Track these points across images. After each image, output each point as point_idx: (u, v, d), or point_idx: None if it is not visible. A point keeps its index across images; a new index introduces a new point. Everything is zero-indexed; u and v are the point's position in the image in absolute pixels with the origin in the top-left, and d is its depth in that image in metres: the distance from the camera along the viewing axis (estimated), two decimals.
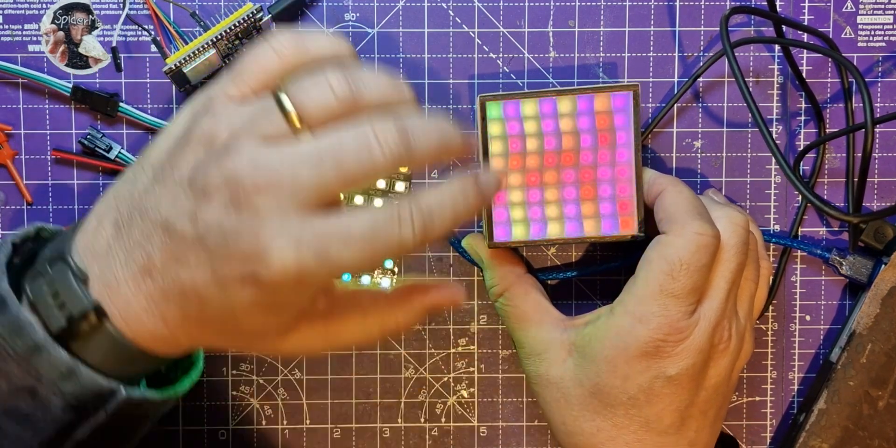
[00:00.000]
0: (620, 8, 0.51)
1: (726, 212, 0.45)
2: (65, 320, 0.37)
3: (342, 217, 0.35)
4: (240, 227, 0.34)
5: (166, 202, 0.36)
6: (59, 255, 0.38)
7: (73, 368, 0.38)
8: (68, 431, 0.39)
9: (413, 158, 0.35)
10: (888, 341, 0.49)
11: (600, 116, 0.47)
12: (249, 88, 0.37)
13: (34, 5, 0.50)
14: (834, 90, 0.52)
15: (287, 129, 0.35)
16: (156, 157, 0.37)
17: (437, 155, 0.36)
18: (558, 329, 0.47)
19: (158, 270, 0.36)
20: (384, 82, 0.36)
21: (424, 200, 0.36)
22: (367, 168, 0.35)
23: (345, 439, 0.52)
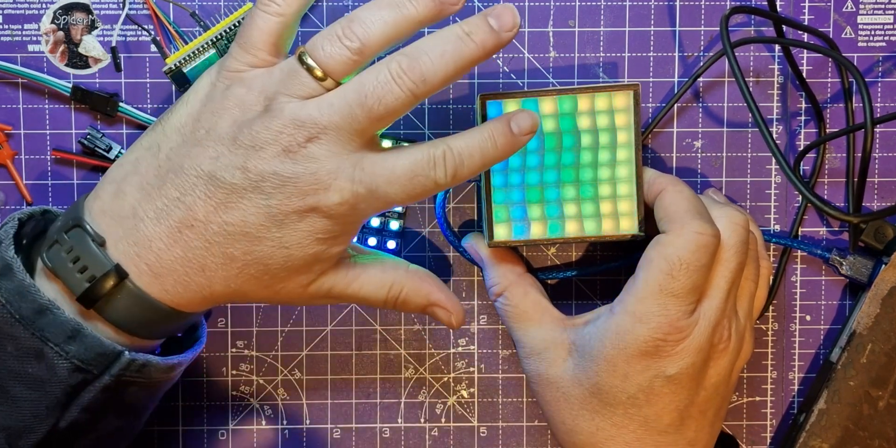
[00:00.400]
0: (620, 8, 0.51)
1: (726, 211, 0.45)
2: (87, 282, 0.40)
3: (387, 158, 0.41)
4: (298, 171, 0.40)
5: (207, 158, 0.40)
6: (74, 223, 0.41)
7: (78, 329, 0.40)
8: (74, 394, 0.41)
9: (429, 85, 0.40)
10: (888, 341, 0.49)
11: (600, 116, 0.47)
12: (265, 53, 0.42)
13: (34, 5, 0.50)
14: (834, 90, 0.52)
15: (315, 85, 0.40)
16: (180, 123, 0.41)
17: (456, 69, 0.40)
18: (558, 328, 0.47)
19: (200, 220, 0.40)
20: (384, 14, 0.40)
21: (456, 144, 0.41)
22: (391, 102, 0.40)
23: (345, 439, 0.52)
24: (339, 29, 0.40)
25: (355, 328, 0.52)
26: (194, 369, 0.52)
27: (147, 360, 0.42)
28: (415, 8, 0.40)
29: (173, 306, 0.42)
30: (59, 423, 0.41)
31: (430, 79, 0.40)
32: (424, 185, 0.41)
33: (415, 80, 0.40)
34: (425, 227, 0.51)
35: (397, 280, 0.45)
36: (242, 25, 0.42)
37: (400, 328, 0.52)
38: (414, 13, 0.40)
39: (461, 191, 0.51)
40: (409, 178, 0.40)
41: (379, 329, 0.52)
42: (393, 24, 0.40)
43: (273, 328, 0.52)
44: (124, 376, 0.41)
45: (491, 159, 0.42)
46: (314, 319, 0.52)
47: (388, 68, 0.40)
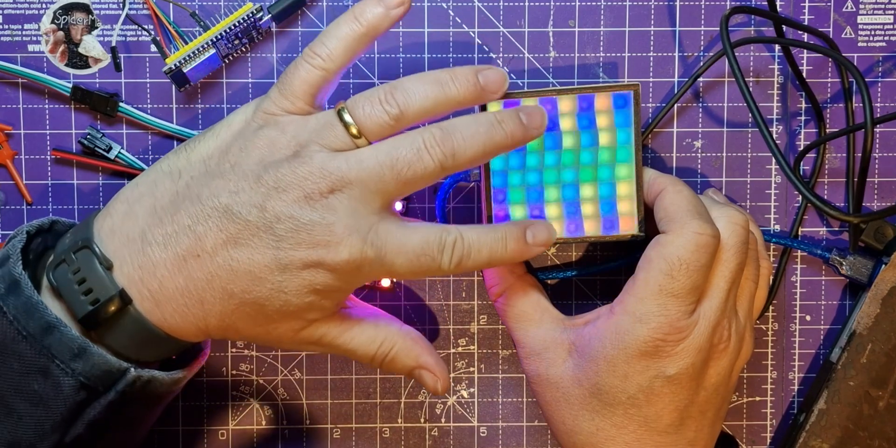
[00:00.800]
0: (620, 8, 0.51)
1: (726, 211, 0.45)
2: (90, 305, 0.40)
3: (402, 230, 0.42)
4: (315, 220, 0.40)
5: (227, 192, 0.41)
6: (84, 244, 0.41)
7: (84, 347, 0.40)
8: (80, 411, 0.41)
9: (459, 159, 0.42)
10: (888, 341, 0.49)
11: (600, 116, 0.47)
12: (302, 102, 0.42)
13: (34, 5, 0.50)
14: (834, 90, 0.52)
15: (348, 141, 0.41)
16: (206, 154, 0.42)
17: (484, 152, 0.42)
18: (558, 329, 0.47)
19: (207, 252, 0.40)
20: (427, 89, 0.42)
21: (469, 235, 0.42)
22: (419, 170, 0.41)
23: (345, 439, 0.52)
24: (383, 93, 0.42)
25: None
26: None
27: (152, 376, 0.42)
28: (457, 89, 0.42)
29: (171, 334, 0.42)
30: (64, 438, 0.41)
31: (459, 155, 0.41)
32: (428, 266, 0.42)
33: (446, 152, 0.41)
34: None
35: (389, 338, 0.45)
36: (285, 71, 0.43)
37: None
38: (455, 94, 0.42)
39: (461, 191, 0.51)
40: (416, 255, 0.41)
41: None
42: (433, 100, 0.42)
43: None
44: (129, 393, 0.41)
45: (498, 260, 0.43)
46: None
47: (422, 137, 0.41)
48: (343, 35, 0.43)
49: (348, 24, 0.43)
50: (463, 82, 0.42)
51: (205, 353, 0.46)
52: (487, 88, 0.43)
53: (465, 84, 0.42)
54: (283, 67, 0.50)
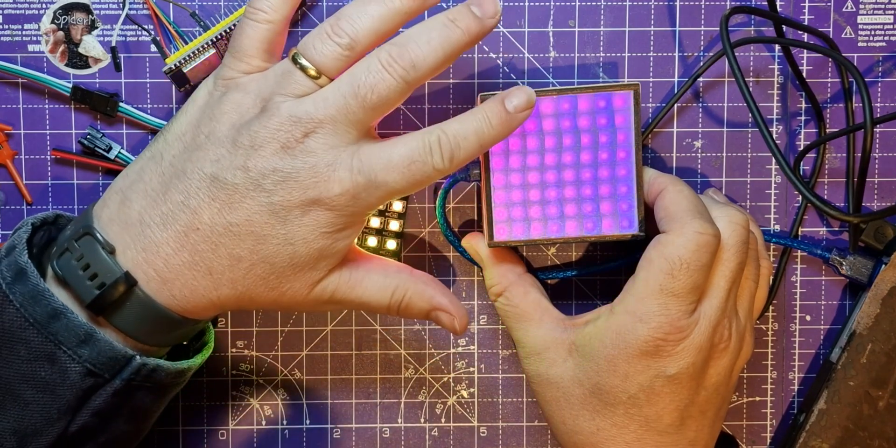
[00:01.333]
0: (620, 8, 0.51)
1: (726, 211, 0.45)
2: (97, 289, 0.41)
3: (384, 147, 0.41)
4: (297, 166, 0.40)
5: (209, 161, 0.41)
6: (85, 231, 0.42)
7: (91, 334, 0.40)
8: (86, 398, 0.41)
9: (421, 71, 0.41)
10: (888, 341, 0.49)
11: (600, 116, 0.47)
12: (257, 60, 0.43)
13: (34, 5, 0.50)
14: (834, 90, 0.52)
15: (310, 84, 0.41)
16: (180, 131, 0.43)
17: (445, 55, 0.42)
18: (558, 328, 0.47)
19: (205, 223, 0.41)
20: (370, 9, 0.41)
21: (451, 128, 0.42)
22: (383, 90, 0.41)
23: (345, 439, 0.52)
24: (329, 27, 0.42)
25: (355, 328, 0.52)
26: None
27: (157, 365, 0.42)
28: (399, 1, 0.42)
29: (181, 313, 0.42)
30: (70, 426, 0.41)
31: (419, 65, 0.41)
32: (423, 172, 0.42)
33: (405, 66, 0.41)
34: (425, 227, 0.51)
35: (401, 284, 0.45)
36: (233, 34, 0.44)
37: (400, 328, 0.52)
38: (399, 5, 0.42)
39: (461, 191, 0.51)
40: (406, 165, 0.41)
41: (379, 329, 0.52)
42: (380, 18, 0.42)
43: (273, 328, 0.52)
44: (134, 381, 0.41)
45: (488, 140, 0.42)
46: (314, 319, 0.52)
47: (378, 58, 0.41)
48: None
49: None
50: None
51: (209, 345, 0.46)
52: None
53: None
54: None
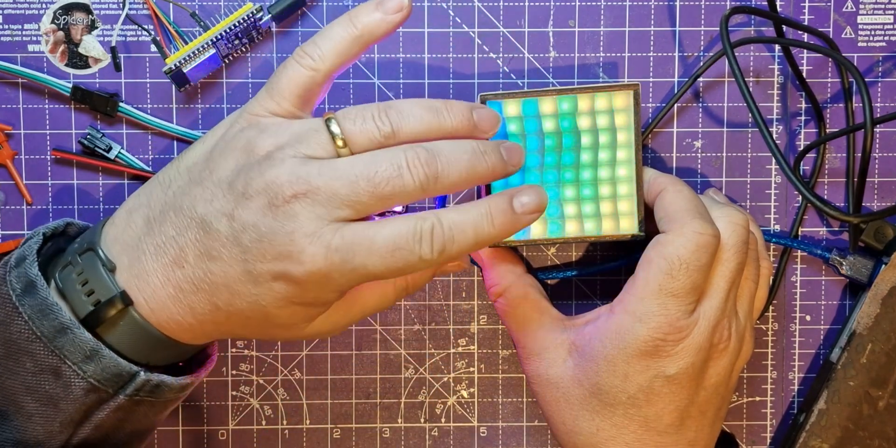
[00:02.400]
0: (620, 8, 0.51)
1: (726, 211, 0.45)
2: (92, 305, 0.40)
3: (370, 227, 0.38)
4: (276, 229, 0.38)
5: (203, 201, 0.39)
6: (88, 247, 0.41)
7: (97, 350, 0.40)
8: (89, 413, 0.41)
9: (438, 185, 0.39)
10: (888, 341, 0.49)
11: (601, 116, 0.47)
12: (289, 104, 0.41)
13: (34, 5, 0.50)
14: (834, 90, 0.52)
15: (330, 150, 0.39)
16: (192, 161, 0.41)
17: (465, 180, 0.40)
18: (558, 329, 0.47)
19: (190, 263, 0.40)
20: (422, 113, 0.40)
21: (448, 217, 0.39)
22: (397, 187, 0.38)
23: (345, 439, 0.52)
24: (377, 110, 0.40)
25: (355, 328, 0.52)
26: None
27: (161, 381, 0.42)
28: (451, 120, 0.41)
29: (173, 337, 0.42)
30: (72, 439, 0.41)
31: (441, 178, 0.39)
32: (407, 260, 0.38)
33: (429, 174, 0.39)
34: None
35: (396, 283, 0.44)
36: (275, 72, 0.42)
37: (400, 328, 0.52)
38: (448, 124, 0.40)
39: (461, 191, 0.51)
40: (390, 251, 0.38)
41: (379, 329, 0.52)
42: (427, 125, 0.40)
43: None
44: (137, 396, 0.41)
45: (486, 239, 0.40)
46: None
47: (405, 155, 0.39)
48: (337, 37, 0.41)
49: (343, 27, 0.41)
50: (457, 114, 0.41)
51: (212, 359, 0.46)
52: (480, 126, 0.41)
53: (459, 116, 0.41)
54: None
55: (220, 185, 0.39)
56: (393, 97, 0.51)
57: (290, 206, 0.38)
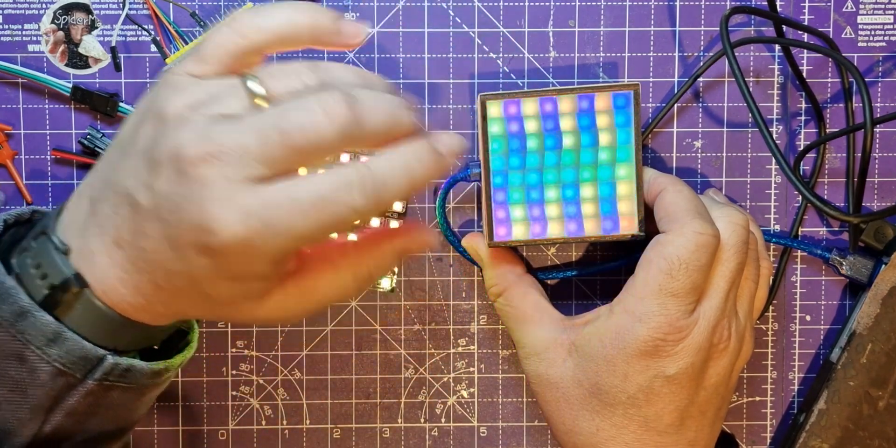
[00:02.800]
0: (620, 8, 0.51)
1: (726, 211, 0.45)
2: (47, 289, 0.39)
3: (289, 184, 0.35)
4: (187, 197, 0.34)
5: (128, 174, 0.37)
6: (42, 231, 0.40)
7: (59, 333, 0.39)
8: (59, 398, 0.40)
9: (362, 130, 0.35)
10: (888, 341, 0.49)
11: (601, 116, 0.47)
12: (212, 69, 0.38)
13: (34, 5, 0.50)
14: (834, 90, 0.52)
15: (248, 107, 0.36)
16: (124, 133, 0.39)
17: (387, 128, 0.36)
18: (558, 329, 0.47)
19: (127, 242, 0.37)
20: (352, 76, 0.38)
21: (377, 165, 0.35)
22: (313, 137, 0.35)
23: (345, 439, 0.52)
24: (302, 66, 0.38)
25: (355, 328, 0.52)
26: (194, 369, 0.52)
27: (131, 365, 0.40)
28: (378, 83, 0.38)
29: (131, 318, 0.39)
30: (44, 426, 0.40)
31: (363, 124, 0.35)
32: (339, 214, 0.35)
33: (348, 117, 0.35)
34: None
35: (355, 271, 0.40)
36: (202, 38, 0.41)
37: (400, 328, 0.52)
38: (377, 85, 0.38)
39: (461, 191, 0.51)
40: (317, 206, 0.34)
41: (379, 329, 0.52)
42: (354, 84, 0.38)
43: (273, 328, 0.52)
44: (107, 381, 0.40)
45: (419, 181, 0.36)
46: (314, 319, 0.52)
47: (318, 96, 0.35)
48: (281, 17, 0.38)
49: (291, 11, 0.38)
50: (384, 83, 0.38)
51: (191, 346, 0.44)
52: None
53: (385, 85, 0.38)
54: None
55: (139, 155, 0.36)
56: None
57: (198, 171, 0.34)
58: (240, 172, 0.34)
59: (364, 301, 0.52)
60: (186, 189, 0.34)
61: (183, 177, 0.34)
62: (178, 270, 0.37)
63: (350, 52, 0.51)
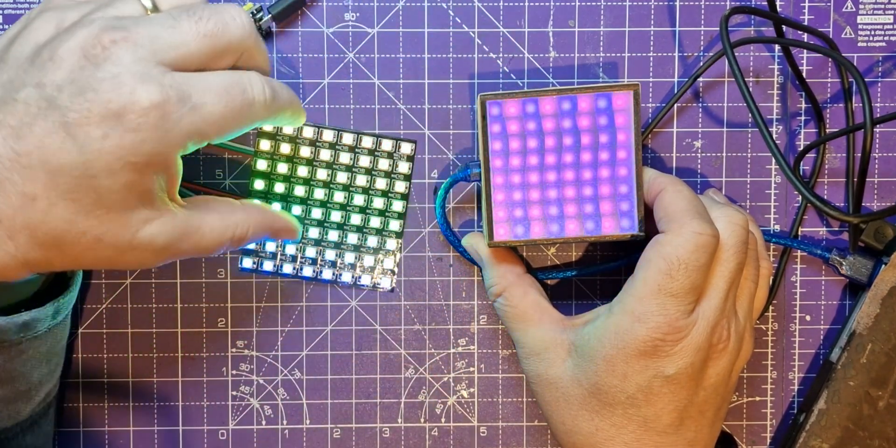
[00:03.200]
0: (620, 8, 0.51)
1: (726, 211, 0.45)
2: None
3: (198, 73, 0.37)
4: (99, 76, 0.35)
5: (2, 83, 0.36)
6: None
7: None
8: None
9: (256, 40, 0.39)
10: (888, 341, 0.49)
11: (600, 116, 0.47)
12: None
13: (34, 5, 0.50)
14: (834, 90, 0.52)
15: (140, 12, 0.38)
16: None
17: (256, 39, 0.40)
18: (557, 329, 0.47)
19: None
20: None
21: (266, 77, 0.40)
22: (222, 32, 0.38)
23: (345, 439, 0.52)
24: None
25: (355, 328, 0.52)
26: (194, 369, 0.52)
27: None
28: None
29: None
30: None
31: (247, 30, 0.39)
32: (244, 99, 0.38)
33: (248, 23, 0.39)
34: (425, 227, 0.51)
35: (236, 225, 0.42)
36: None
37: (400, 328, 0.52)
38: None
39: (461, 191, 0.51)
40: (226, 87, 0.38)
41: (379, 329, 0.52)
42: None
43: (273, 328, 0.52)
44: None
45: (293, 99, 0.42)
46: (314, 319, 0.52)
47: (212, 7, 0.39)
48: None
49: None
50: None
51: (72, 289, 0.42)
52: None
53: None
54: (283, 67, 0.50)
55: (17, 65, 0.36)
56: (393, 97, 0.51)
57: (111, 52, 0.36)
58: (153, 55, 0.36)
59: (364, 301, 0.52)
60: (98, 70, 0.35)
61: (93, 60, 0.35)
62: (69, 164, 0.35)
63: (350, 53, 0.51)
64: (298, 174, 0.50)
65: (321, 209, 0.50)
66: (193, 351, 0.52)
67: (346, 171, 0.50)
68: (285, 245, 0.51)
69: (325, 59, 0.51)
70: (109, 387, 0.52)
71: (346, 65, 0.51)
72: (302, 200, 0.50)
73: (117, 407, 0.52)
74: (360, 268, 0.51)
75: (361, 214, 0.51)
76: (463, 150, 0.51)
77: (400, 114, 0.51)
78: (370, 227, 0.51)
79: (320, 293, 0.52)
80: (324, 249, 0.51)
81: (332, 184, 0.50)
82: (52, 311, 0.41)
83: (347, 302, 0.52)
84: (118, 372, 0.52)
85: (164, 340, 0.51)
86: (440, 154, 0.51)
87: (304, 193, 0.50)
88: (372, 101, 0.51)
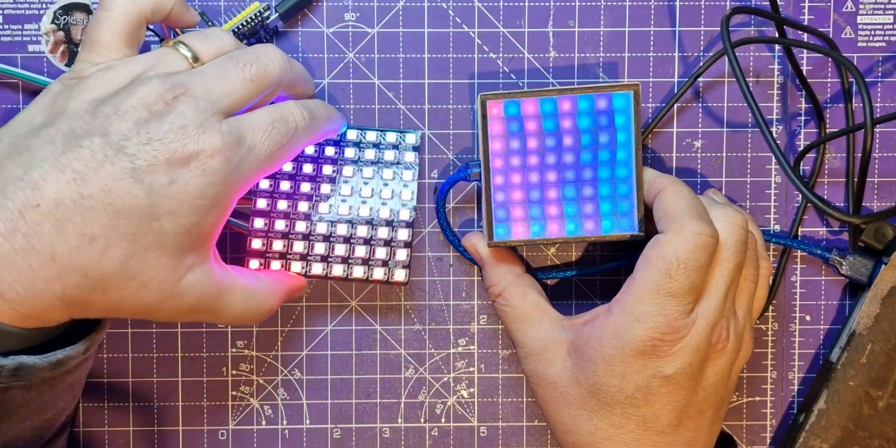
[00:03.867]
0: (620, 8, 0.51)
1: (725, 212, 0.45)
2: None
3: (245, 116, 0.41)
4: (165, 128, 0.38)
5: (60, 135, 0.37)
6: None
7: None
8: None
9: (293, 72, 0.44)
10: (888, 341, 0.49)
11: (600, 116, 0.47)
12: (114, 52, 0.41)
13: (34, 5, 0.50)
14: (834, 90, 0.52)
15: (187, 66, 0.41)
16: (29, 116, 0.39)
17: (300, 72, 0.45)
18: (557, 328, 0.47)
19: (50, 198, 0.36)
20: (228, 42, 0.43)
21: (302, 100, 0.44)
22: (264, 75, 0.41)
23: (345, 439, 0.52)
24: (217, 29, 0.44)
25: (355, 328, 0.52)
26: (194, 369, 0.52)
27: (20, 363, 0.37)
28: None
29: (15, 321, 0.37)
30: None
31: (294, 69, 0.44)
32: (286, 130, 0.42)
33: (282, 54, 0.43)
34: (425, 227, 0.51)
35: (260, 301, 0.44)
36: (87, 31, 0.42)
37: (400, 328, 0.52)
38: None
39: (461, 191, 0.51)
40: (270, 123, 0.41)
41: (379, 329, 0.52)
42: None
43: (273, 328, 0.52)
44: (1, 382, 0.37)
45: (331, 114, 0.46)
46: (314, 319, 0.52)
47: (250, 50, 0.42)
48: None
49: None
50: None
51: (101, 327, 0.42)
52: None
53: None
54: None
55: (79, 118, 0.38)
56: (393, 97, 0.51)
57: (174, 106, 0.39)
58: (210, 106, 0.39)
59: (364, 301, 0.52)
60: (163, 123, 0.38)
61: (158, 114, 0.38)
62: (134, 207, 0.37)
63: (350, 53, 0.51)
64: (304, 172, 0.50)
65: (327, 203, 0.50)
66: (193, 351, 0.52)
67: (351, 164, 0.50)
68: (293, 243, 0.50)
69: (326, 59, 0.51)
70: (109, 387, 0.52)
71: (346, 65, 0.51)
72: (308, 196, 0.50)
73: (117, 407, 0.52)
74: (373, 261, 0.49)
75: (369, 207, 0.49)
76: (463, 150, 0.51)
77: (400, 114, 0.51)
78: (378, 237, 0.49)
79: (320, 293, 0.52)
80: (332, 245, 0.49)
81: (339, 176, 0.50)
82: (84, 348, 0.41)
83: (347, 302, 0.52)
84: (118, 372, 0.52)
85: (163, 340, 0.51)
86: (440, 154, 0.51)
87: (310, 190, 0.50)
88: (372, 101, 0.51)
